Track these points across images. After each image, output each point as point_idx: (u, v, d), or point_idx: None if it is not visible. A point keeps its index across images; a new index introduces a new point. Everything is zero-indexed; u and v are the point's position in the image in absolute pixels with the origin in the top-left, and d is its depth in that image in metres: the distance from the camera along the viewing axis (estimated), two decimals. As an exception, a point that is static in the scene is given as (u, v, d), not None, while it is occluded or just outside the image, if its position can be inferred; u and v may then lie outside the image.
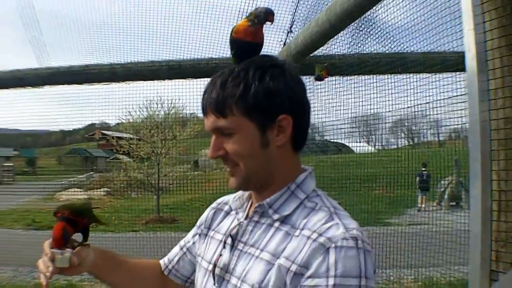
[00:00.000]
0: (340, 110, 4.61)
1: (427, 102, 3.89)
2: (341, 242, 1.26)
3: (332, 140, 6.76)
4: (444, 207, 12.89)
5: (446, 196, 13.25)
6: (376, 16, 4.07)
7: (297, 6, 4.44)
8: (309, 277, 1.26)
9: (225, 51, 4.75)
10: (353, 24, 3.71)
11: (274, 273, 1.32)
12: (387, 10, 3.87)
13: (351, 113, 4.62)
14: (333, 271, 1.23)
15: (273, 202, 1.46)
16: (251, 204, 1.59)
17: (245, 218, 1.56)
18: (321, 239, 1.28)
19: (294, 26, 4.34)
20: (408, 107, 4.14)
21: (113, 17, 5.78)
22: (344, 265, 1.23)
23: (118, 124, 14.88)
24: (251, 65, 1.45)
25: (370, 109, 4.44)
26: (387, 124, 7.21)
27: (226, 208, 1.73)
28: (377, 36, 4.08)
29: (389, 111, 4.28)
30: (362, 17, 3.76)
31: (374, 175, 7.55)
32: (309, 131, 1.59)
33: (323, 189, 1.53)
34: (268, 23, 1.88)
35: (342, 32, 3.77)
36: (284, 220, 1.43)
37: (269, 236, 1.43)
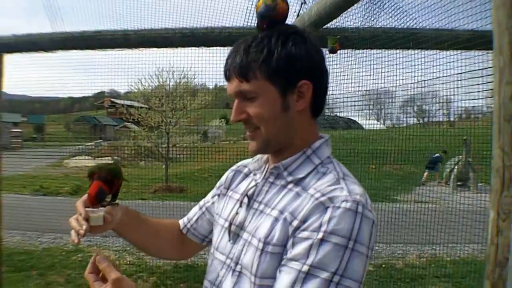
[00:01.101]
0: (350, 84, 4.60)
1: (434, 78, 3.90)
2: (340, 203, 1.30)
3: (342, 116, 6.75)
4: (451, 187, 12.92)
5: (453, 176, 13.28)
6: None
7: (311, -23, 4.42)
8: (303, 230, 1.32)
9: (238, 20, 4.74)
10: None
11: (279, 227, 1.38)
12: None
13: (359, 86, 4.61)
14: (325, 227, 1.28)
15: (288, 165, 1.52)
16: (268, 166, 1.64)
17: (262, 179, 1.61)
18: (323, 198, 1.33)
19: (308, -3, 4.33)
20: (415, 82, 4.14)
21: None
22: (337, 224, 1.27)
23: (128, 92, 14.88)
24: (274, 32, 1.49)
25: (380, 83, 4.44)
26: (397, 101, 7.20)
27: (245, 170, 1.81)
28: (391, 10, 4.07)
29: (400, 85, 4.29)
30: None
31: (383, 151, 7.55)
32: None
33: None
34: None
35: (355, 5, 3.75)
36: (297, 183, 1.48)
37: (281, 196, 1.48)
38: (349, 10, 3.78)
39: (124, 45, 4.63)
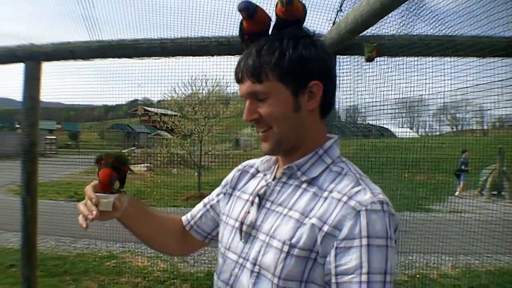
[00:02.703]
0: (385, 91, 4.57)
1: (472, 86, 3.86)
2: (370, 206, 1.38)
3: (375, 124, 6.70)
4: (486, 196, 12.73)
5: (487, 185, 13.10)
6: (427, -3, 4.03)
7: (347, -15, 4.41)
8: (343, 239, 1.38)
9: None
10: (403, 5, 3.68)
11: (306, 232, 1.43)
12: (437, -8, 3.82)
13: (395, 94, 4.57)
14: (365, 232, 1.35)
15: (302, 165, 1.59)
16: (278, 167, 1.71)
17: (273, 180, 1.67)
18: (352, 203, 1.40)
19: (344, 5, 4.33)
20: (452, 90, 4.11)
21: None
22: (374, 227, 1.36)
23: (161, 101, 14.97)
24: (285, 35, 1.57)
25: (416, 90, 4.40)
26: (431, 109, 7.13)
27: (252, 170, 1.88)
28: (427, 18, 4.05)
29: (432, 93, 4.26)
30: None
31: (416, 161, 7.48)
32: (352, 114, 1.66)
33: (364, 173, 1.62)
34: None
35: (392, 12, 3.74)
36: (311, 182, 1.55)
37: (297, 196, 1.55)
38: (385, 17, 3.77)
39: (161, 54, 4.67)
